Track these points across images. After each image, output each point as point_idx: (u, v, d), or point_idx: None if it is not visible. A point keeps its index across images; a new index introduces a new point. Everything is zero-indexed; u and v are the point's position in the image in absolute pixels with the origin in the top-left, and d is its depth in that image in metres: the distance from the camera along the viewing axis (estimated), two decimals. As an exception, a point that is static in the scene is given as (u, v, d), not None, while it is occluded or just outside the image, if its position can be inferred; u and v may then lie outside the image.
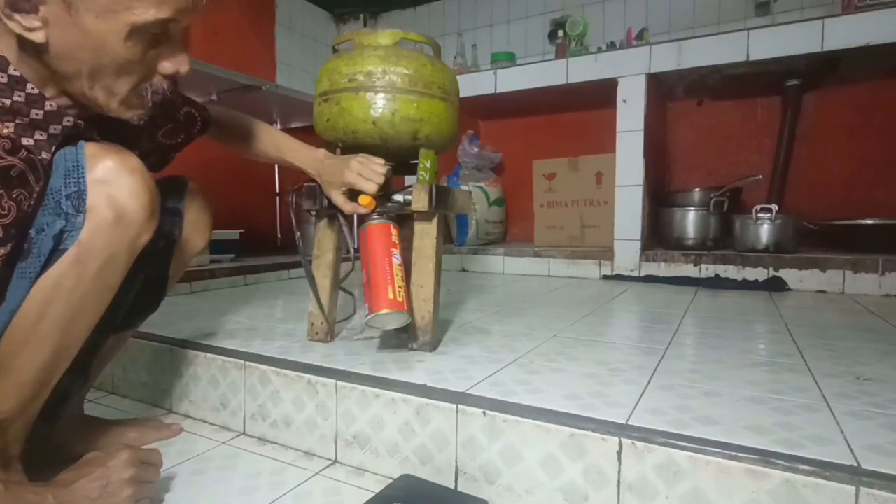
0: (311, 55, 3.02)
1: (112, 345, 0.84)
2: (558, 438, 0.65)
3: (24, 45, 0.56)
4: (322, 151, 0.96)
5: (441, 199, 0.95)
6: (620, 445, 0.62)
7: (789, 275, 1.78)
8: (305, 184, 1.01)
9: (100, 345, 0.79)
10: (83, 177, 0.58)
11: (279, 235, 2.81)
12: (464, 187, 2.45)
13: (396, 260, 0.91)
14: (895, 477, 0.51)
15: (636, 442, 0.61)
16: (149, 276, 0.81)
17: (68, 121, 0.62)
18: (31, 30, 0.54)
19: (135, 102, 0.61)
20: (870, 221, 1.94)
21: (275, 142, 0.98)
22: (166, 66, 0.61)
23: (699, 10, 2.41)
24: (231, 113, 0.97)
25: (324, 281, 1.03)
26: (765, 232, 1.88)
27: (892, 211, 2.01)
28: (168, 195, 0.82)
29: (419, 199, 0.93)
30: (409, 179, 1.12)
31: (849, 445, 0.58)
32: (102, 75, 0.58)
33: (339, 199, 0.93)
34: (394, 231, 0.94)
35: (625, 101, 2.01)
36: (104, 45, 0.55)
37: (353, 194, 0.93)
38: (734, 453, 0.57)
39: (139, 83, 0.60)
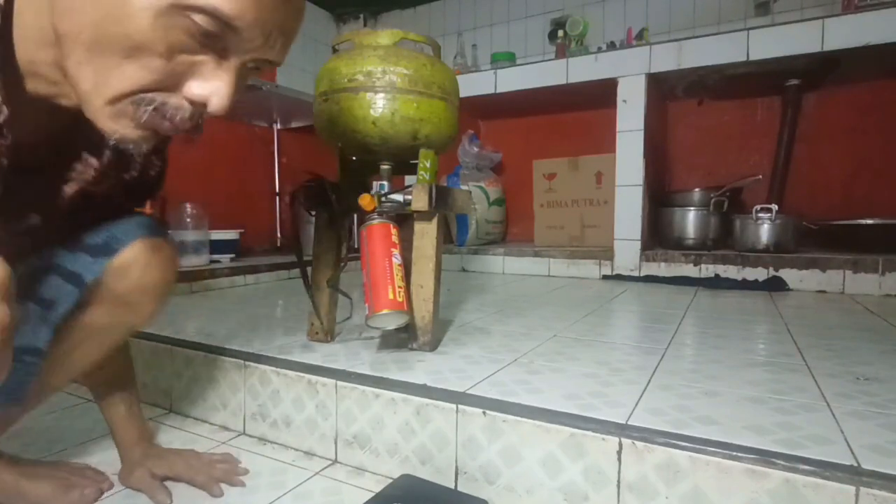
0: (311, 55, 3.02)
1: None
2: (558, 438, 0.65)
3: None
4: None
5: (441, 198, 0.95)
6: (620, 445, 0.62)
7: (789, 275, 1.78)
8: (305, 184, 1.01)
9: None
10: None
11: (279, 235, 2.81)
12: (464, 187, 2.45)
13: (396, 260, 0.91)
14: (895, 477, 0.51)
15: (636, 442, 0.61)
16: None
17: None
18: None
19: (127, 113, 0.44)
20: (870, 221, 1.93)
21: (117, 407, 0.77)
22: (194, 88, 0.45)
23: (699, 9, 2.41)
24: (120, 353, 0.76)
25: (324, 281, 1.03)
26: (765, 232, 1.88)
27: (892, 211, 2.01)
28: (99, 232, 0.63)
29: (419, 199, 0.93)
30: (409, 179, 1.12)
31: (849, 445, 0.58)
32: (103, 50, 0.42)
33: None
34: (394, 231, 0.94)
35: (625, 100, 2.01)
36: (126, 6, 0.40)
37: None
38: (734, 453, 0.57)
39: (146, 88, 0.43)
